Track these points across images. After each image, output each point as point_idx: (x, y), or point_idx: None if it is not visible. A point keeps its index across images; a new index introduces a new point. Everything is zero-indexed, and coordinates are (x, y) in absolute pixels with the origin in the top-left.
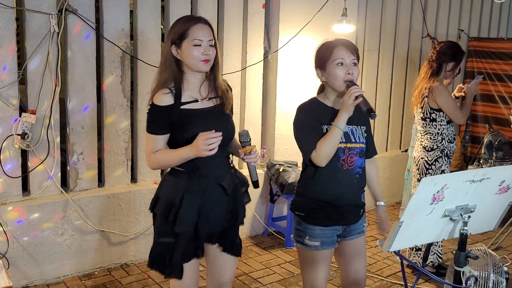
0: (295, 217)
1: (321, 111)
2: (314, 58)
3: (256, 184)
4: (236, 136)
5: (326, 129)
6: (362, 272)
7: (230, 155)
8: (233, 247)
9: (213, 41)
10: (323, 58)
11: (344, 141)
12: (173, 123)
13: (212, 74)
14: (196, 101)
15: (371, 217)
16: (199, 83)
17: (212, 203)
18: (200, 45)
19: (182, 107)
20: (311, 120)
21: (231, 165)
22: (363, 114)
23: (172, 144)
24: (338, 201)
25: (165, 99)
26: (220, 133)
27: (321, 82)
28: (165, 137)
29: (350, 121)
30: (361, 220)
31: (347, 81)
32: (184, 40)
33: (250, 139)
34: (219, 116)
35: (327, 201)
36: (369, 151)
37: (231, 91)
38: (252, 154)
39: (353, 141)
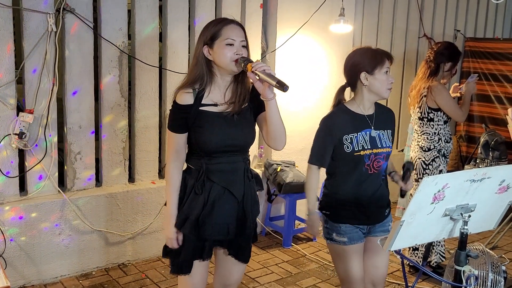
0: (322, 216)
1: (349, 120)
2: (359, 61)
3: (282, 84)
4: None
5: (351, 138)
6: (381, 270)
7: (249, 161)
8: (239, 253)
9: (245, 42)
10: (375, 63)
11: (369, 147)
12: (189, 123)
13: (241, 78)
14: (216, 105)
15: None
16: (226, 86)
17: (220, 209)
18: (232, 45)
19: (200, 108)
20: (328, 133)
21: (248, 171)
22: (389, 119)
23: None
24: (364, 203)
25: (186, 98)
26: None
27: (339, 89)
28: (184, 136)
29: (377, 126)
30: (387, 219)
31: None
32: (217, 39)
33: (247, 60)
34: (237, 122)
35: (353, 202)
36: None
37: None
38: (257, 65)
39: (379, 146)
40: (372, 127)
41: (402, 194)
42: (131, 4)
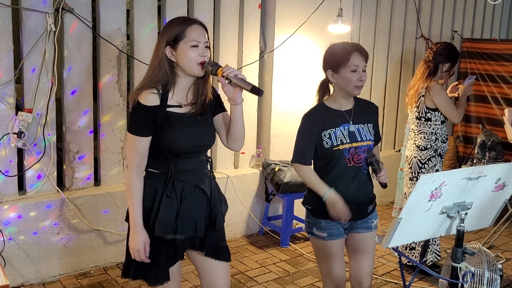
0: (306, 210)
1: (327, 117)
2: (326, 58)
3: (257, 89)
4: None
5: (329, 134)
6: (365, 269)
7: (210, 159)
8: (217, 251)
9: (208, 43)
10: (339, 61)
11: (348, 141)
12: (156, 125)
13: (203, 79)
14: (180, 106)
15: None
16: (188, 87)
17: (191, 206)
18: (197, 46)
19: (167, 109)
20: (308, 131)
21: (210, 169)
22: (370, 113)
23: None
24: (345, 197)
25: (152, 98)
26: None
27: (320, 83)
28: (148, 139)
29: (356, 121)
30: (371, 216)
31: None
32: (181, 41)
33: (216, 64)
34: (201, 123)
35: None
36: (376, 139)
37: (219, 97)
38: (228, 70)
39: (359, 139)
40: (350, 122)
41: (382, 185)
42: (130, 4)
